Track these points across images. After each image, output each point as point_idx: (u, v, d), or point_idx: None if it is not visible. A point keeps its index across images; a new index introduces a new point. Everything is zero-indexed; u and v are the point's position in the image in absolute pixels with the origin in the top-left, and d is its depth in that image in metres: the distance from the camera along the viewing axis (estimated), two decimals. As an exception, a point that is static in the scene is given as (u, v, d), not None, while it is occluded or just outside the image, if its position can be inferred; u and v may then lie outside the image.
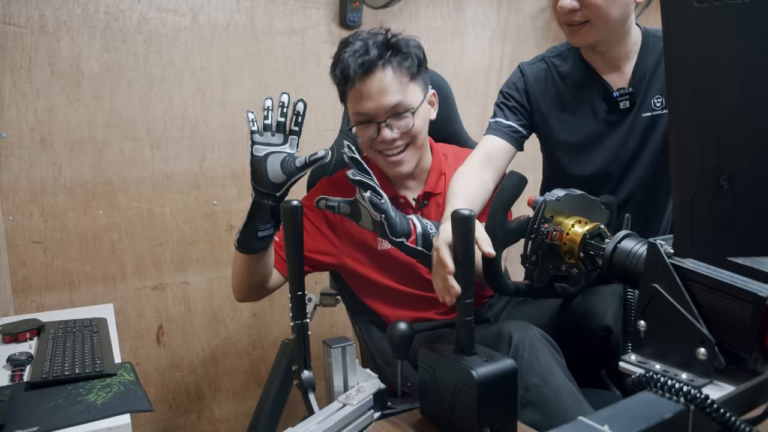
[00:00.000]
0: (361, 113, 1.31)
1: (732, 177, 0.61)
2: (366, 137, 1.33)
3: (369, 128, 1.32)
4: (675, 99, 0.63)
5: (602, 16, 1.29)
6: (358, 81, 1.28)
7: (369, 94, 1.29)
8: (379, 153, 1.35)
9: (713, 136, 0.61)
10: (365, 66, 1.27)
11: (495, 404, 0.83)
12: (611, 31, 1.34)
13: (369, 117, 1.31)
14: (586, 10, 1.29)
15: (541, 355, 1.05)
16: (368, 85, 1.28)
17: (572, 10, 1.29)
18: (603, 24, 1.31)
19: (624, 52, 1.41)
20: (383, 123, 1.30)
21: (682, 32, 0.61)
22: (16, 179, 1.83)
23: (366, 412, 0.96)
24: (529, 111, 1.49)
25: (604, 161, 1.45)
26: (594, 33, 1.33)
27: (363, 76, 1.28)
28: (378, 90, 1.28)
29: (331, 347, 1.00)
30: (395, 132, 1.31)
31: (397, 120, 1.31)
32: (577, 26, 1.33)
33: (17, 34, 1.78)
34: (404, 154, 1.35)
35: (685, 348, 0.74)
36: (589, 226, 1.03)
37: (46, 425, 0.97)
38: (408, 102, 1.32)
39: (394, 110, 1.30)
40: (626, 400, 0.69)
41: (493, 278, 1.07)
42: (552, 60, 1.50)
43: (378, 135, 1.31)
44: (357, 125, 1.35)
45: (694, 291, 0.74)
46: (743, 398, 0.72)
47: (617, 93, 1.40)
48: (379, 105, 1.29)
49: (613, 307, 1.20)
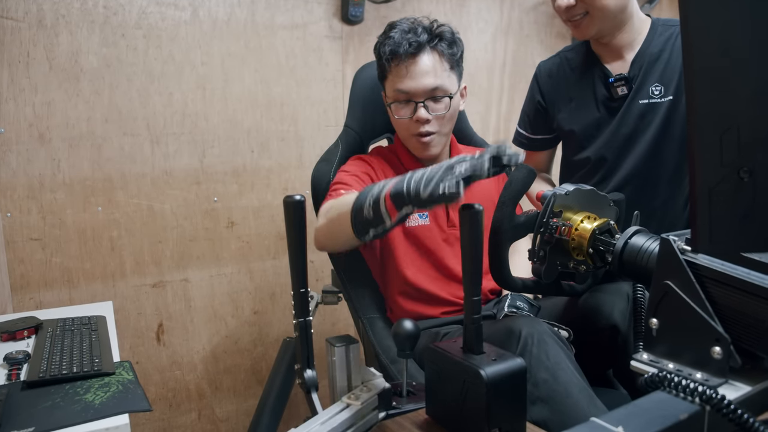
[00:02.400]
0: (402, 90, 1.37)
1: (752, 169, 0.59)
2: (402, 115, 1.39)
3: (407, 107, 1.39)
4: (693, 89, 0.61)
5: (598, 5, 1.38)
6: (404, 59, 1.35)
7: (413, 73, 1.35)
8: (412, 136, 1.41)
9: (733, 127, 0.59)
10: (414, 46, 1.35)
11: (504, 404, 0.81)
12: (611, 19, 1.42)
13: (409, 96, 1.37)
14: (583, 3, 1.39)
15: (550, 349, 1.03)
16: (413, 65, 1.35)
17: (569, 7, 1.40)
18: (601, 13, 1.39)
19: (627, 40, 1.48)
20: (421, 103, 1.36)
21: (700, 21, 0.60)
22: (14, 175, 1.81)
23: (371, 412, 0.94)
24: (546, 108, 1.60)
25: (600, 146, 1.50)
26: (594, 23, 1.41)
27: (411, 55, 1.35)
28: (422, 71, 1.35)
29: (334, 346, 0.97)
30: (430, 114, 1.37)
31: (435, 103, 1.38)
32: (578, 20, 1.42)
33: (15, 28, 1.76)
34: (434, 136, 1.41)
35: (700, 347, 0.72)
36: (599, 221, 1.01)
37: (43, 425, 0.95)
38: (446, 87, 1.38)
39: (433, 93, 1.37)
40: (639, 400, 0.67)
41: (499, 273, 1.05)
42: (565, 54, 1.61)
43: (414, 114, 1.37)
44: (394, 102, 1.40)
45: (709, 288, 0.72)
46: (760, 398, 0.71)
47: (613, 78, 1.47)
48: (420, 85, 1.35)
49: (620, 305, 1.19)
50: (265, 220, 2.22)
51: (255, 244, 2.22)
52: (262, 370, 2.28)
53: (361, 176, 1.41)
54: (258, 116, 2.15)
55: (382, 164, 1.47)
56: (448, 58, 1.39)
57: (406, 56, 1.35)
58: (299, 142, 2.24)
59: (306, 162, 2.24)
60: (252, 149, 2.16)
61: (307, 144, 2.25)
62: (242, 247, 2.20)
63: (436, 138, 1.41)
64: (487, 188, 1.51)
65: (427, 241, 1.44)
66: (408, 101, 1.38)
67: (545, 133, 1.64)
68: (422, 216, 1.44)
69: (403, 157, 1.48)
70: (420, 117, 1.37)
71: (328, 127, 2.26)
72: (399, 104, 1.39)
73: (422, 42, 1.35)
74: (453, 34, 1.42)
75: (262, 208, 2.21)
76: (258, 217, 2.21)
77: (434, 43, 1.37)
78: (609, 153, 1.49)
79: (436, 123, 1.39)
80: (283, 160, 2.22)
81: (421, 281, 1.42)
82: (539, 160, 1.69)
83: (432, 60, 1.37)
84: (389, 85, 1.40)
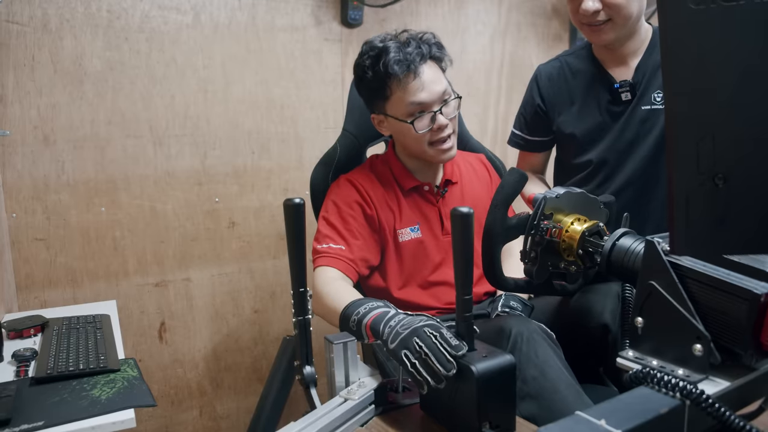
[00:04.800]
0: (417, 102, 1.38)
1: (727, 176, 0.62)
2: (423, 127, 1.40)
3: (424, 118, 1.40)
4: (671, 98, 0.64)
5: (623, 13, 1.40)
6: (414, 74, 1.36)
7: (423, 84, 1.37)
8: (431, 144, 1.43)
9: (709, 135, 0.62)
10: (419, 59, 1.37)
11: (494, 399, 0.84)
12: (630, 27, 1.44)
13: (424, 106, 1.39)
14: (608, 9, 1.40)
15: (539, 347, 1.07)
16: (423, 77, 1.37)
17: (596, 12, 1.40)
18: (624, 20, 1.42)
19: (632, 48, 1.51)
20: (438, 111, 1.40)
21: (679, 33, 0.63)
22: (20, 177, 1.84)
23: (367, 407, 0.97)
24: (545, 111, 1.62)
25: (603, 149, 1.53)
26: (615, 30, 1.44)
27: (416, 68, 1.37)
28: (430, 80, 1.38)
29: (333, 343, 1.01)
30: (446, 118, 1.41)
31: (446, 107, 1.41)
32: (599, 25, 1.43)
33: (20, 33, 1.79)
34: (453, 137, 1.45)
35: (682, 344, 0.75)
36: (589, 223, 1.04)
37: (52, 419, 0.99)
38: (449, 90, 1.43)
39: (443, 97, 1.40)
40: (623, 395, 0.70)
41: (492, 274, 1.08)
42: (566, 58, 1.63)
43: (434, 123, 1.40)
44: (410, 117, 1.40)
45: (691, 288, 0.75)
46: (738, 394, 0.74)
47: (618, 84, 1.49)
48: (432, 93, 1.38)
49: (610, 305, 1.22)
50: (265, 220, 2.25)
51: (255, 244, 2.24)
52: (262, 368, 2.31)
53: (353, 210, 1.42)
54: (258, 118, 2.17)
55: (373, 183, 1.47)
56: (441, 62, 1.43)
57: (415, 69, 1.36)
58: (299, 144, 2.26)
59: (306, 163, 2.26)
60: (253, 150, 2.19)
61: (307, 145, 2.27)
62: (243, 247, 2.22)
63: (455, 138, 1.45)
64: (478, 192, 1.54)
65: (419, 255, 1.46)
66: (422, 112, 1.39)
67: (542, 135, 1.66)
68: (413, 229, 1.46)
69: (396, 170, 1.50)
70: (441, 124, 1.40)
71: (327, 128, 2.29)
72: (417, 118, 1.39)
73: (423, 53, 1.38)
74: (436, 38, 1.44)
75: (263, 209, 2.24)
76: (258, 217, 2.24)
77: (429, 51, 1.40)
78: (611, 156, 1.52)
79: (451, 124, 1.43)
80: (283, 161, 2.25)
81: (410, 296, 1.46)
82: (535, 161, 1.72)
83: (432, 68, 1.40)
84: (396, 103, 1.40)
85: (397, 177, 1.49)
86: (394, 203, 1.46)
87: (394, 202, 1.46)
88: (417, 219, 1.47)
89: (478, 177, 1.58)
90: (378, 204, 1.44)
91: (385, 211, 1.45)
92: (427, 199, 1.49)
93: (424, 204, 1.49)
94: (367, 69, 1.39)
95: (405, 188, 1.48)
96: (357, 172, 1.52)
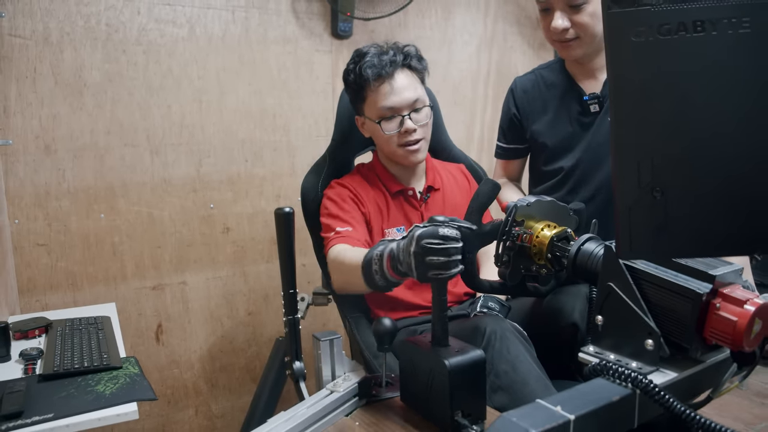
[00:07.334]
0: (388, 107, 1.48)
1: (664, 190, 0.70)
2: (390, 129, 1.50)
3: (393, 121, 1.50)
4: (616, 123, 0.72)
5: (590, 31, 1.49)
6: (386, 78, 1.47)
7: (395, 90, 1.47)
8: (400, 146, 1.52)
9: (648, 156, 0.70)
10: (392, 65, 1.47)
11: (465, 390, 0.92)
12: (596, 44, 1.52)
13: (395, 111, 1.48)
14: (576, 28, 1.49)
15: (511, 344, 1.15)
16: (394, 83, 1.47)
17: (564, 29, 1.49)
18: (590, 38, 1.51)
19: (601, 63, 1.59)
20: (407, 116, 1.48)
21: (622, 64, 0.71)
22: (22, 184, 1.90)
23: (352, 398, 1.05)
24: (520, 120, 1.71)
25: (573, 158, 1.61)
26: (583, 46, 1.52)
27: (389, 74, 1.47)
28: (403, 86, 1.48)
29: (320, 340, 1.08)
30: (415, 124, 1.50)
31: (417, 114, 1.50)
32: (569, 42, 1.52)
33: (22, 46, 1.85)
34: (422, 143, 1.53)
35: (636, 340, 0.82)
36: (557, 229, 1.11)
37: (61, 412, 1.06)
38: (424, 99, 1.52)
39: (414, 105, 1.49)
40: (581, 385, 0.77)
41: (468, 277, 1.15)
42: (540, 72, 1.71)
43: (402, 126, 1.49)
44: (381, 119, 1.50)
45: (644, 288, 0.82)
46: (686, 384, 0.81)
47: (587, 97, 1.58)
48: (403, 99, 1.48)
49: (579, 305, 1.29)
50: (258, 225, 2.30)
51: (249, 249, 2.30)
52: (255, 369, 2.35)
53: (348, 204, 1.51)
54: (252, 127, 2.24)
55: (363, 184, 1.57)
56: (418, 73, 1.53)
57: (387, 75, 1.46)
58: (291, 152, 2.32)
59: (298, 170, 2.32)
60: (246, 158, 2.25)
61: (299, 153, 2.34)
62: (237, 251, 2.28)
63: (423, 144, 1.53)
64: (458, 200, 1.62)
65: None
66: (392, 116, 1.49)
67: (518, 143, 1.75)
68: (399, 230, 1.54)
69: (381, 174, 1.58)
70: (408, 128, 1.48)
71: (318, 137, 2.35)
72: (386, 120, 1.49)
73: (397, 61, 1.47)
74: (417, 51, 1.53)
75: (256, 215, 2.30)
76: (252, 222, 2.29)
77: (406, 61, 1.49)
78: (581, 165, 1.60)
79: (421, 131, 1.51)
80: (275, 168, 2.31)
81: (396, 294, 1.53)
82: (512, 168, 1.82)
83: (407, 76, 1.49)
84: (371, 105, 1.50)
85: (383, 180, 1.58)
86: (383, 203, 1.55)
87: (383, 203, 1.55)
88: (402, 221, 1.55)
89: (459, 186, 1.66)
90: (369, 203, 1.53)
91: (375, 210, 1.54)
92: (411, 204, 1.58)
93: (409, 208, 1.57)
94: (350, 72, 1.51)
95: (391, 191, 1.56)
96: (347, 177, 1.61)
